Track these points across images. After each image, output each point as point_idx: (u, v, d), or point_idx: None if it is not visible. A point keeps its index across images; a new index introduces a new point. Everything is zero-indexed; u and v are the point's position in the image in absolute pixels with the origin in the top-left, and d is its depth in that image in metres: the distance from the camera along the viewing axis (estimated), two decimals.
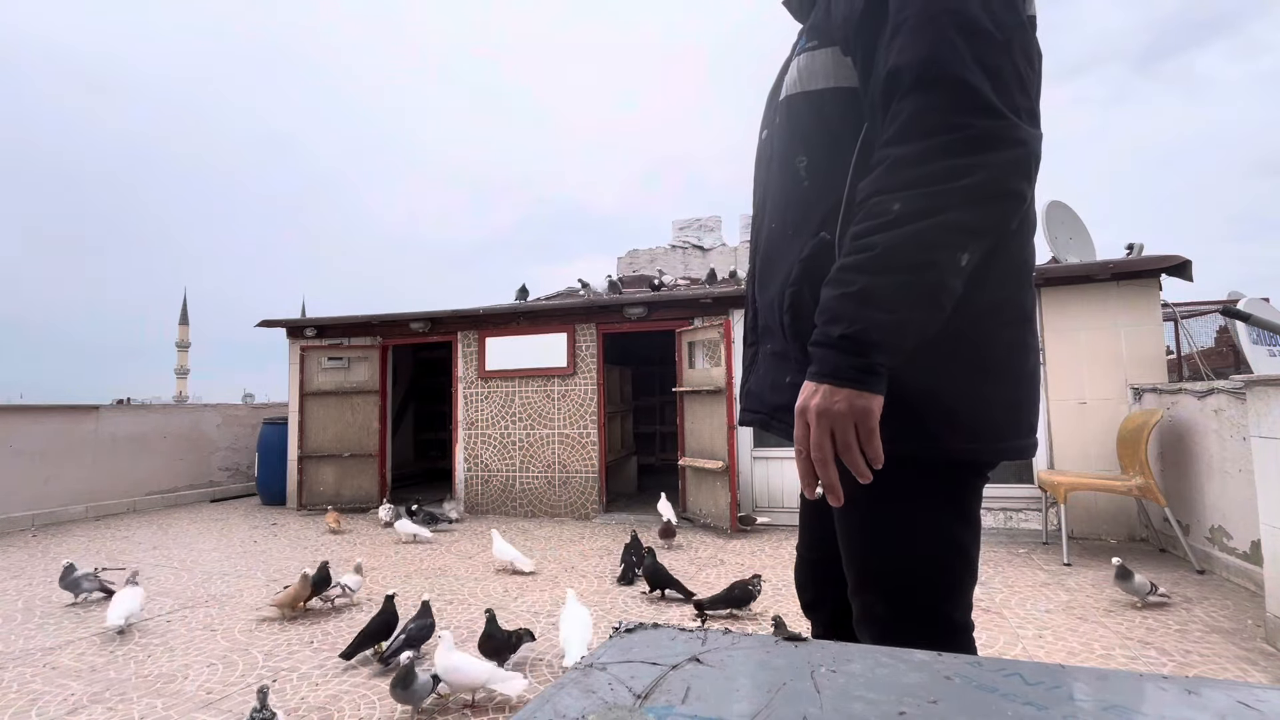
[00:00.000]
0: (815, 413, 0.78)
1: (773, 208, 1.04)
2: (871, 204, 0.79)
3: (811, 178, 0.95)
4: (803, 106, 0.97)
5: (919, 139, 0.76)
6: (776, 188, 1.03)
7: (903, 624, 0.92)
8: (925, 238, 0.75)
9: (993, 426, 0.90)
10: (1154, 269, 4.57)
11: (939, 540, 0.92)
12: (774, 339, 1.02)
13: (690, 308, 5.80)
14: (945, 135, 0.75)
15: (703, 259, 10.02)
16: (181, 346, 77.82)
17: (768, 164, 1.07)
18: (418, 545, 4.90)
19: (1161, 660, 2.52)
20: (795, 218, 0.98)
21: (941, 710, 0.47)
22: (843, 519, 0.97)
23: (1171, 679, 0.51)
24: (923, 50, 0.77)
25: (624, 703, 0.50)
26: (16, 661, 2.73)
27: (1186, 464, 3.92)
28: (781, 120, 1.02)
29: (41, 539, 5.37)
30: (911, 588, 0.93)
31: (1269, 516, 2.57)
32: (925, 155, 0.76)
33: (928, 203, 0.75)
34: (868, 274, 0.77)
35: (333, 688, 2.41)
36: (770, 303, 1.02)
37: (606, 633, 2.63)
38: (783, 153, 1.01)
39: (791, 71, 1.00)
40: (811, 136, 0.97)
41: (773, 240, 1.03)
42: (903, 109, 0.78)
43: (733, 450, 5.03)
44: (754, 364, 1.12)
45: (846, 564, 0.98)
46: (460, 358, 6.53)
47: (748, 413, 1.13)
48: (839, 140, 0.92)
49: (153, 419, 7.16)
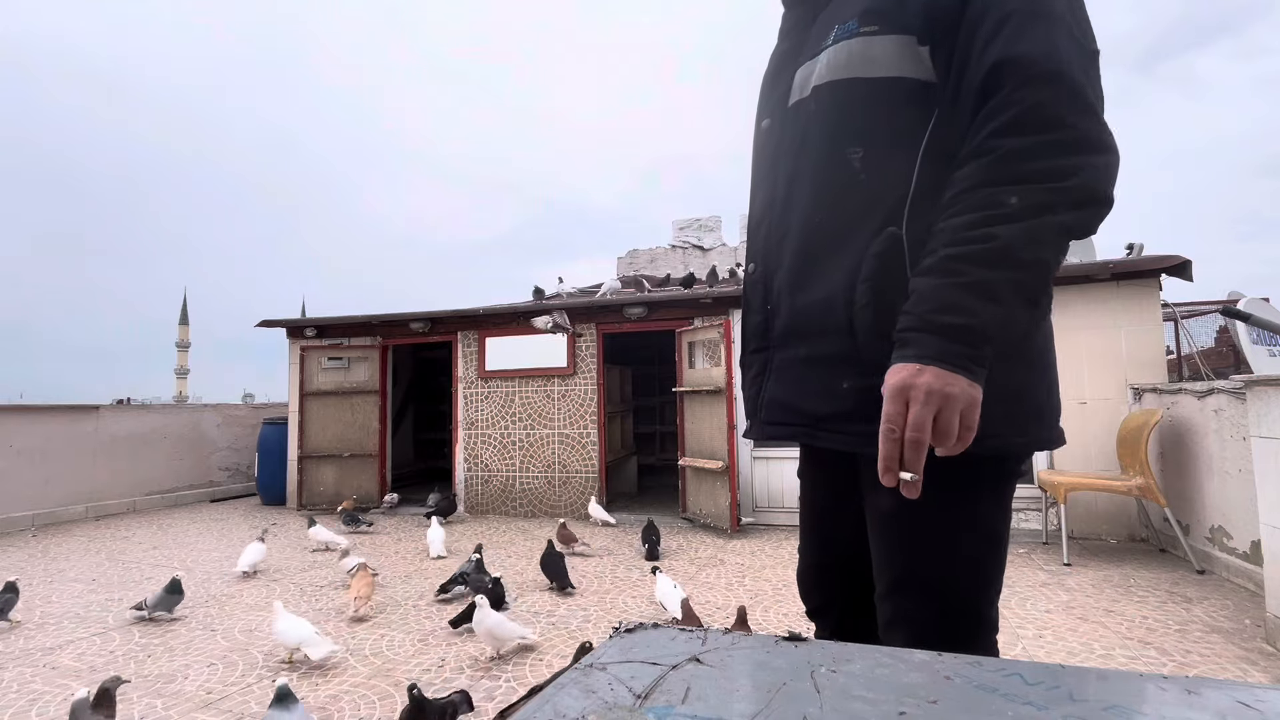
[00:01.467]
0: (925, 390, 0.73)
1: (812, 201, 0.95)
2: (981, 195, 0.76)
3: (869, 170, 0.90)
4: (858, 94, 0.90)
5: (1035, 133, 0.75)
6: (818, 180, 0.95)
7: (946, 623, 0.90)
8: (1038, 235, 0.74)
9: (1039, 417, 0.90)
10: (1154, 269, 4.57)
11: (985, 535, 0.91)
12: (821, 341, 0.93)
13: (690, 308, 5.80)
14: (1059, 133, 0.74)
15: (703, 259, 10.02)
16: (181, 346, 77.84)
17: (795, 154, 0.98)
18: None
19: (1161, 660, 2.52)
20: (852, 212, 0.91)
21: (941, 710, 0.47)
22: (891, 516, 0.92)
23: (1171, 679, 0.51)
24: (1042, 44, 0.76)
25: (624, 703, 0.50)
26: (16, 661, 2.72)
27: (1186, 464, 3.92)
28: (822, 108, 0.94)
29: (41, 539, 5.37)
30: (957, 585, 0.91)
31: (1269, 516, 2.57)
32: (1040, 150, 0.75)
33: (1042, 199, 0.74)
34: (983, 266, 0.75)
35: (333, 688, 2.41)
36: (821, 302, 0.93)
37: None
38: (826, 143, 0.94)
39: (833, 57, 0.92)
40: (870, 127, 0.90)
41: (817, 235, 0.94)
42: (1018, 100, 0.76)
43: (733, 450, 5.03)
44: (767, 372, 1.03)
45: (885, 564, 0.94)
46: (460, 358, 6.53)
47: (775, 425, 1.01)
48: (902, 132, 0.88)
49: (153, 419, 7.16)
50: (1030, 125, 0.75)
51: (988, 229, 0.75)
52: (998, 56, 0.77)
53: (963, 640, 0.89)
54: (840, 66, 0.91)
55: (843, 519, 1.07)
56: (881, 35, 0.88)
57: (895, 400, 0.75)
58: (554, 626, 3.04)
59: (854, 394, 0.88)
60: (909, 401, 0.74)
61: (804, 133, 0.97)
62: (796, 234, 0.97)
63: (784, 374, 1.00)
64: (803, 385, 0.96)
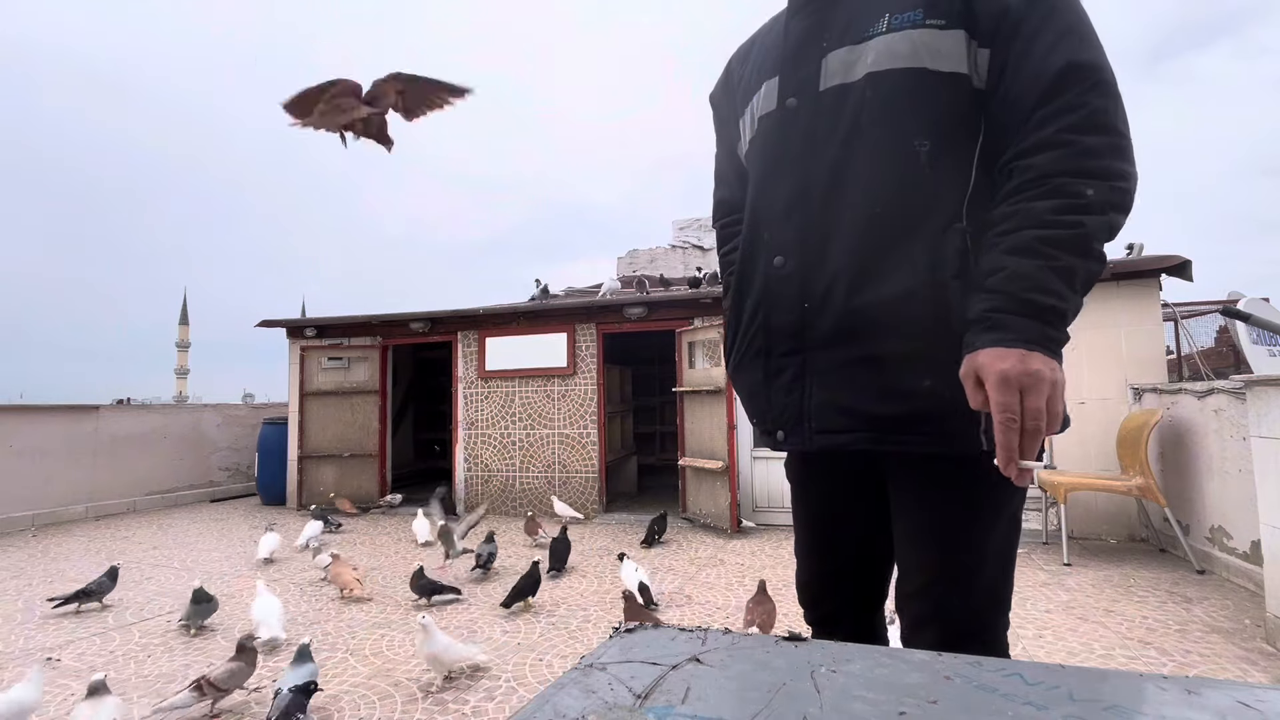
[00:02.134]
0: (1038, 377, 0.73)
1: (871, 193, 0.91)
2: (1059, 183, 0.78)
3: (935, 164, 0.89)
4: (927, 85, 0.89)
5: (1103, 134, 0.79)
6: (876, 171, 0.91)
7: (978, 616, 0.91)
8: (1107, 229, 0.78)
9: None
10: (1154, 269, 4.57)
11: (1014, 526, 0.94)
12: (889, 340, 0.89)
13: (690, 308, 5.80)
14: (1120, 139, 0.79)
15: (703, 259, 10.03)
16: (181, 346, 77.83)
17: (841, 142, 0.93)
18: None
19: (1161, 660, 2.52)
20: (919, 206, 0.89)
21: (941, 710, 0.47)
22: (938, 515, 0.92)
23: (1171, 679, 0.51)
24: (1100, 56, 0.82)
25: (624, 703, 0.50)
26: (16, 662, 2.72)
27: (1186, 464, 3.92)
28: (881, 96, 0.90)
29: (41, 539, 5.37)
30: (988, 577, 0.92)
31: (1269, 516, 2.57)
32: (1107, 151, 0.79)
33: (1108, 197, 0.78)
34: (1072, 253, 0.77)
35: (333, 688, 2.41)
36: (891, 300, 0.88)
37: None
38: (887, 133, 0.91)
39: (898, 44, 0.89)
40: (937, 120, 0.89)
41: (880, 229, 0.90)
42: (1086, 102, 0.80)
43: (733, 450, 5.03)
44: (806, 375, 0.96)
45: (918, 565, 0.94)
46: (460, 358, 6.53)
47: (832, 433, 0.94)
48: (964, 128, 0.90)
49: (153, 419, 7.16)
50: (1101, 127, 0.79)
51: (1076, 216, 0.77)
52: (1066, 60, 0.81)
53: (990, 631, 0.92)
54: (904, 55, 0.89)
55: (846, 525, 1.07)
56: (949, 30, 0.88)
57: (1007, 389, 0.73)
58: (554, 627, 3.04)
59: (931, 396, 0.87)
60: (1023, 390, 0.73)
61: (854, 120, 0.92)
62: (851, 227, 0.91)
63: (837, 376, 0.93)
64: (866, 387, 0.91)
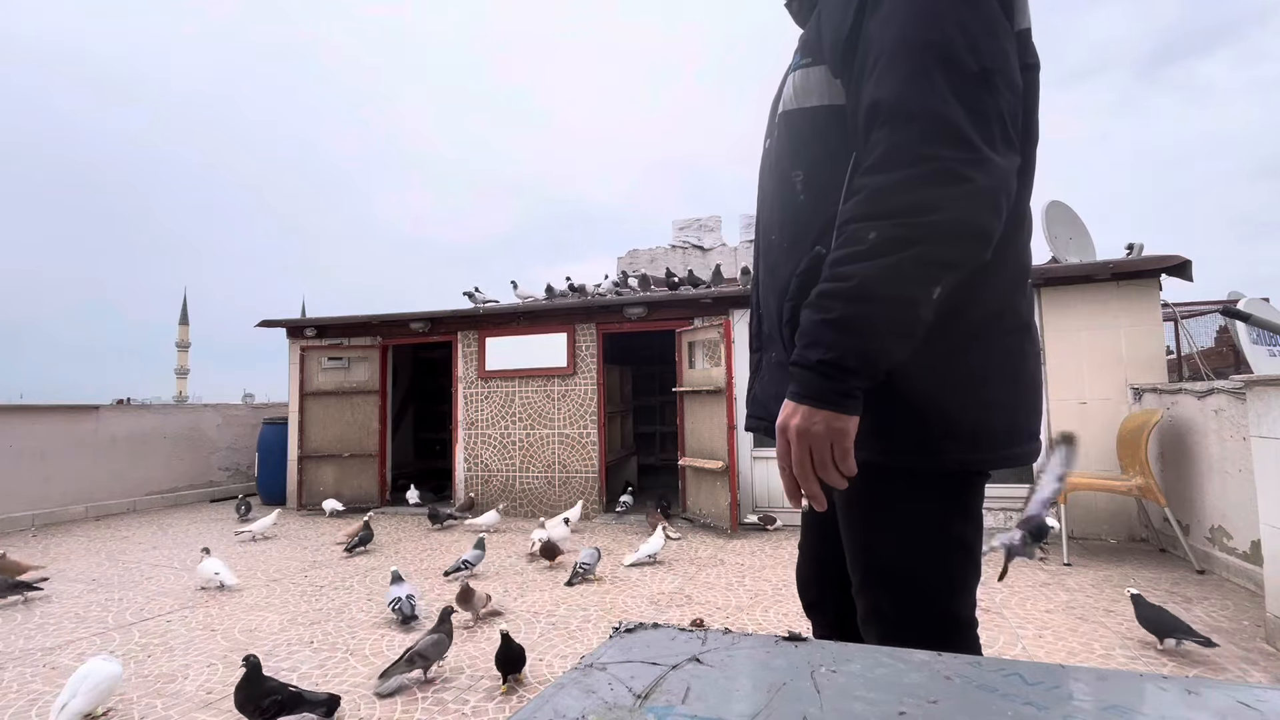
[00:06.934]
0: (795, 432, 0.82)
1: (772, 220, 1.05)
2: (850, 230, 0.80)
3: (808, 193, 0.96)
4: (800, 122, 0.98)
5: (893, 169, 0.77)
6: (776, 200, 1.04)
7: (908, 621, 0.93)
8: (900, 270, 0.76)
9: (991, 435, 0.91)
10: (1154, 269, 4.57)
11: (942, 538, 0.93)
12: (777, 349, 1.03)
13: (690, 308, 5.79)
14: (919, 167, 0.76)
15: (703, 259, 10.01)
16: (181, 346, 77.86)
17: (770, 175, 1.08)
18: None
19: (1161, 660, 2.52)
20: (792, 232, 0.99)
21: (941, 710, 0.47)
22: (846, 521, 0.98)
23: (1171, 679, 0.51)
24: (900, 84, 0.78)
25: (624, 703, 0.50)
26: (16, 662, 2.72)
27: (1186, 464, 3.92)
28: (780, 134, 1.03)
29: (41, 539, 5.37)
30: (916, 585, 0.94)
31: (1269, 516, 2.57)
32: (899, 187, 0.77)
33: (902, 234, 0.76)
34: (845, 302, 0.79)
35: (333, 688, 2.41)
36: (772, 313, 1.04)
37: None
38: (781, 166, 1.02)
39: (788, 87, 1.00)
40: (808, 152, 0.97)
41: (773, 252, 1.04)
42: (880, 140, 0.79)
43: (733, 450, 5.03)
44: (759, 370, 1.13)
45: (851, 563, 0.99)
46: (460, 358, 6.53)
47: (753, 419, 1.13)
48: (835, 157, 0.92)
49: (152, 419, 7.15)
50: (889, 163, 0.78)
51: (846, 267, 0.79)
52: (870, 99, 0.81)
53: (933, 635, 0.92)
54: (790, 96, 1.00)
55: (826, 516, 1.10)
56: (814, 67, 0.95)
57: (779, 440, 0.85)
58: (554, 627, 3.04)
59: None
60: (788, 441, 0.83)
61: (773, 156, 1.06)
62: (763, 250, 1.09)
63: (764, 373, 1.10)
64: (770, 386, 1.06)
